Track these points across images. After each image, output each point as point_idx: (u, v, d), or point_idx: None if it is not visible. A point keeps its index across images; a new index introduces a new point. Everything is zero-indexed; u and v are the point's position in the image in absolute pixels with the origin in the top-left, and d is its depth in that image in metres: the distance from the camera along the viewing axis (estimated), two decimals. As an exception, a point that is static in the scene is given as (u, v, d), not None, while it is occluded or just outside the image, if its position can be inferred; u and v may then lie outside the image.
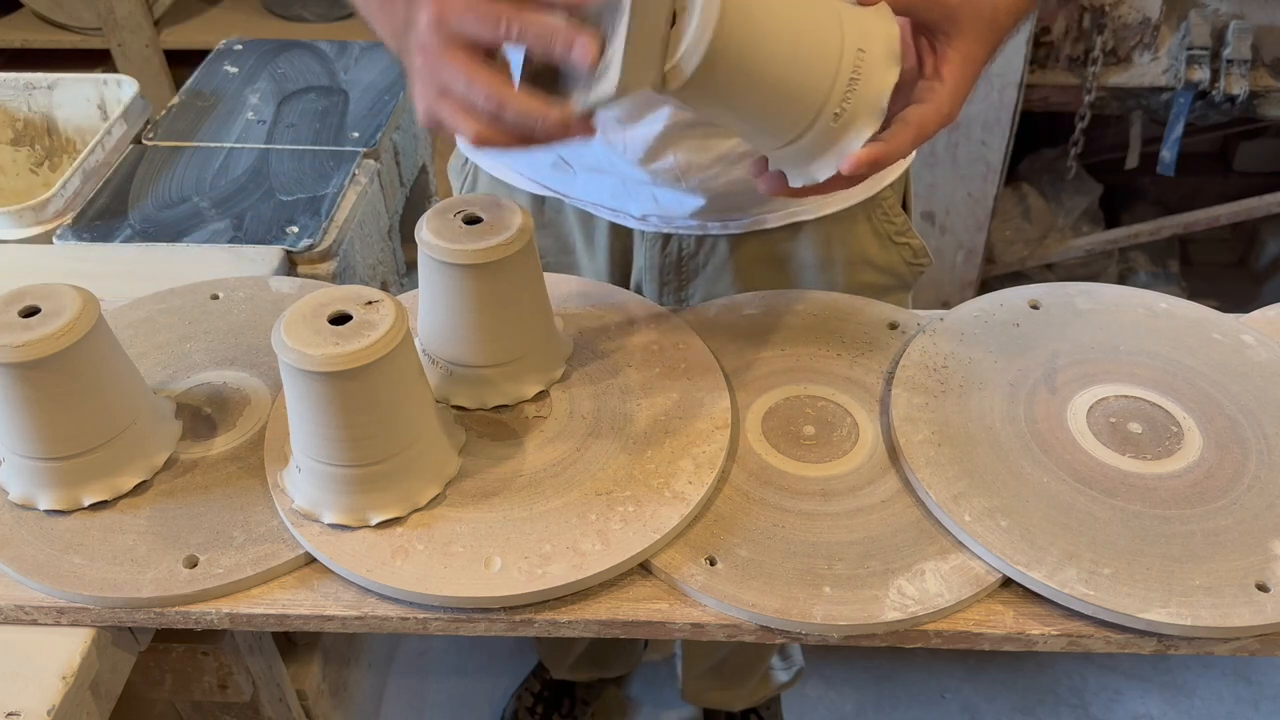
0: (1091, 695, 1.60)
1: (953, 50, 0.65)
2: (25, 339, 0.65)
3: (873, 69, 0.60)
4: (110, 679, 0.71)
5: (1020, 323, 0.84)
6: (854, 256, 0.95)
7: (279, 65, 1.48)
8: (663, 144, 0.85)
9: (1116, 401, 0.77)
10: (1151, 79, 1.77)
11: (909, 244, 0.97)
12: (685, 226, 0.93)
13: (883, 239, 0.95)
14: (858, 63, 0.60)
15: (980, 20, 0.65)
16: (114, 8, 2.08)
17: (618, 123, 0.86)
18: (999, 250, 2.04)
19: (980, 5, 0.65)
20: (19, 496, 0.72)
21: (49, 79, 1.35)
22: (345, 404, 0.64)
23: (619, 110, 0.85)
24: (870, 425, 0.77)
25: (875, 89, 0.60)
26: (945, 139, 1.79)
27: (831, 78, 0.59)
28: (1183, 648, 0.65)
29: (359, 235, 1.21)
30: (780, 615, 0.65)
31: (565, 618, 0.66)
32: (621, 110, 0.85)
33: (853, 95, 0.60)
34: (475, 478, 0.73)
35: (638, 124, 0.85)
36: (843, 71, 0.59)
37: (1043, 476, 0.72)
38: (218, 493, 0.73)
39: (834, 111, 0.60)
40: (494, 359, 0.76)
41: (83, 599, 0.68)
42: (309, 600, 0.68)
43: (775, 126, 0.62)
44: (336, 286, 0.68)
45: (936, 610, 0.65)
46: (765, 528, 0.70)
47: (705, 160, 0.87)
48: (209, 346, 0.85)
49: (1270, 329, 0.85)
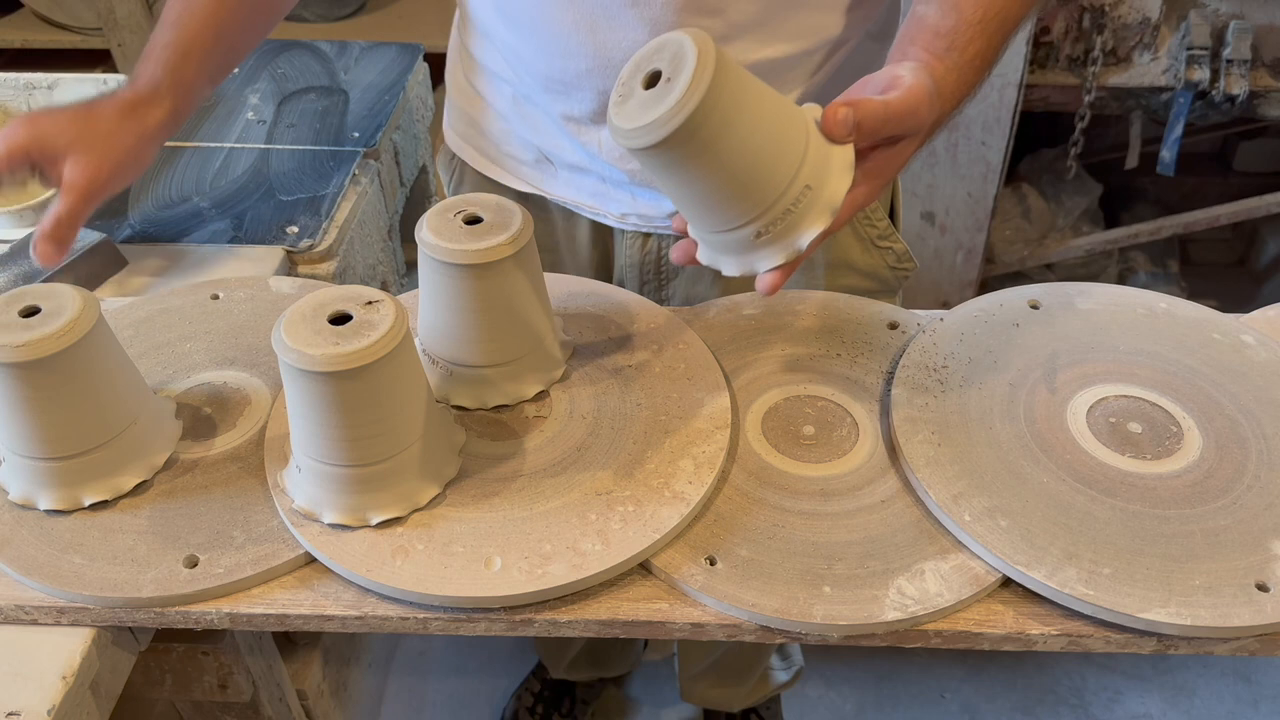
0: (1091, 695, 1.60)
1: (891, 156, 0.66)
2: (25, 339, 0.65)
3: (829, 173, 0.62)
4: (110, 679, 0.71)
5: (1020, 323, 0.84)
6: (835, 260, 0.95)
7: (279, 65, 1.48)
8: None
9: (1116, 401, 0.77)
10: (1151, 79, 1.77)
11: (892, 248, 0.96)
12: (664, 226, 0.93)
13: (865, 243, 0.95)
14: (818, 164, 0.61)
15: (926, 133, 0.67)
16: (114, 8, 2.08)
17: (591, 123, 0.86)
18: (999, 250, 2.04)
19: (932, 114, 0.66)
20: (19, 496, 0.72)
21: (49, 79, 1.35)
22: (345, 404, 0.64)
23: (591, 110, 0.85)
24: (870, 425, 0.77)
25: (831, 192, 0.62)
26: (945, 139, 1.79)
27: (791, 176, 0.61)
28: (1182, 648, 0.65)
29: (359, 235, 1.21)
30: (780, 615, 0.65)
31: (565, 618, 0.66)
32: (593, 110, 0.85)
33: (805, 197, 0.62)
34: (475, 478, 0.73)
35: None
36: (802, 172, 0.61)
37: (1043, 476, 0.72)
38: (218, 493, 0.73)
39: (785, 208, 0.62)
40: (494, 359, 0.76)
41: (83, 599, 0.68)
42: (309, 600, 0.68)
43: (727, 211, 0.62)
44: (336, 286, 0.68)
45: (936, 610, 0.65)
46: (765, 528, 0.70)
47: None
48: (209, 346, 0.85)
49: (1270, 329, 0.85)
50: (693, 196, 0.62)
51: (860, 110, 0.62)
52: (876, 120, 0.63)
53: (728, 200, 0.61)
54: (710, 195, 0.61)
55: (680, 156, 0.59)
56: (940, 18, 0.70)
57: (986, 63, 0.71)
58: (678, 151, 0.58)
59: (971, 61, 0.69)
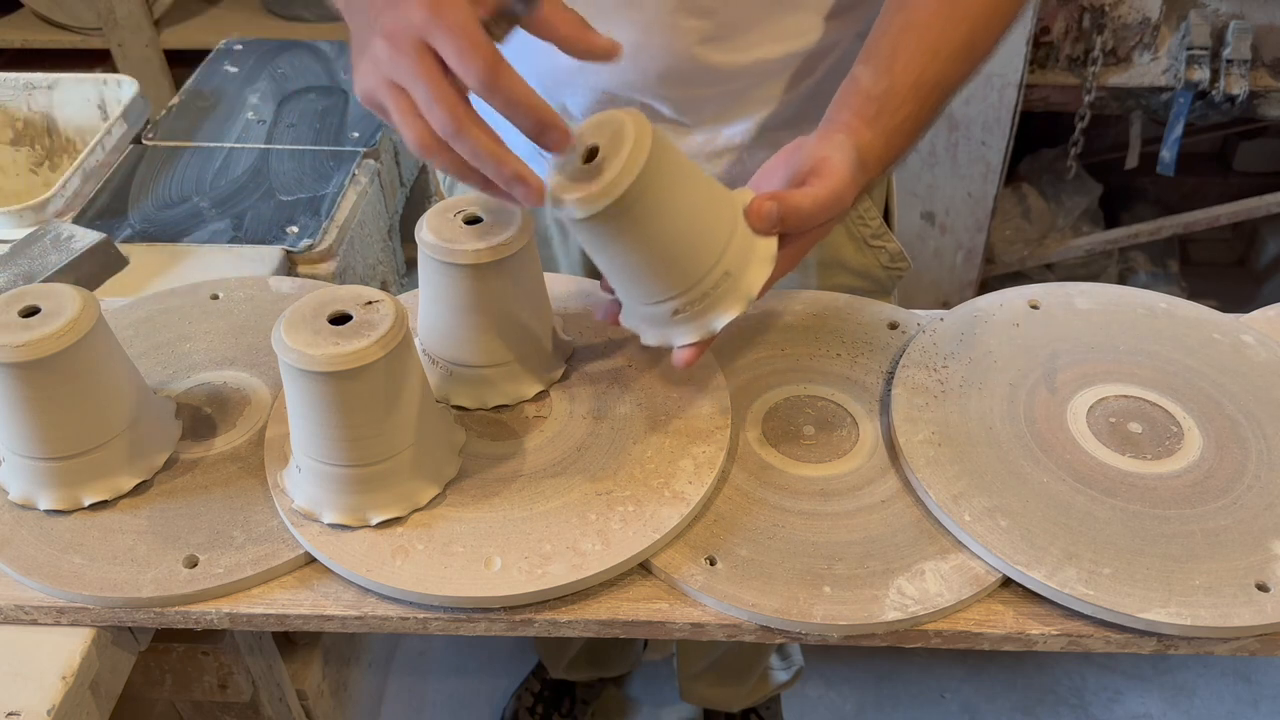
0: (1091, 695, 1.60)
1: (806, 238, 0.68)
2: (25, 339, 0.65)
3: (750, 262, 0.65)
4: (110, 679, 0.71)
5: (1020, 323, 0.84)
6: (828, 259, 0.95)
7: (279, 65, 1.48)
8: None
9: (1116, 401, 0.77)
10: (1151, 79, 1.77)
11: (885, 248, 0.96)
12: None
13: (858, 242, 0.95)
14: (740, 252, 0.65)
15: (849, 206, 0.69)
16: (114, 8, 2.08)
17: (584, 118, 0.86)
18: (999, 250, 2.04)
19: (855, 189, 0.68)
20: (19, 496, 0.72)
21: (49, 79, 1.35)
22: (345, 404, 0.64)
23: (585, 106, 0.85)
24: (870, 425, 0.77)
25: (750, 279, 0.65)
26: (945, 139, 1.79)
27: (713, 261, 0.64)
28: (1183, 648, 0.65)
29: (359, 235, 1.21)
30: (780, 615, 0.65)
31: (565, 618, 0.66)
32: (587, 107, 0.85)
33: (724, 283, 0.65)
34: (475, 478, 0.73)
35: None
36: (725, 259, 0.64)
37: (1043, 476, 0.72)
38: (218, 493, 0.73)
39: (704, 291, 0.65)
40: (494, 359, 0.76)
41: (83, 599, 0.68)
42: (309, 600, 0.68)
43: (650, 286, 0.65)
44: (336, 286, 0.68)
45: (936, 610, 0.65)
46: (765, 528, 0.70)
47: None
48: (209, 346, 0.85)
49: (1270, 329, 0.85)
50: (620, 269, 0.65)
51: (785, 206, 0.65)
52: (800, 217, 0.66)
53: (651, 277, 0.65)
54: (636, 270, 0.65)
55: (609, 231, 0.62)
56: (873, 81, 0.71)
57: (919, 125, 0.72)
58: (607, 226, 0.61)
59: (901, 126, 0.70)
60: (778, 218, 0.65)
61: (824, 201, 0.66)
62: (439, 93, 0.57)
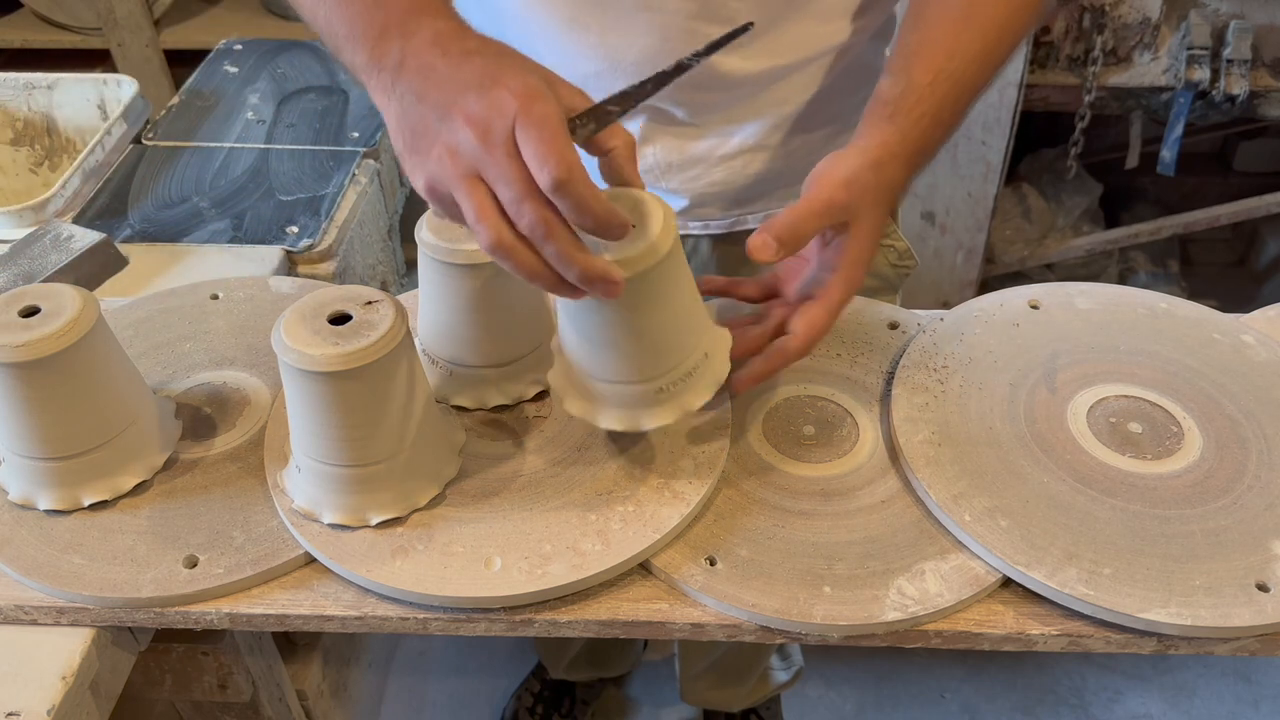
0: (1091, 695, 1.60)
1: (850, 241, 0.69)
2: (25, 339, 0.65)
3: (712, 366, 0.68)
4: (110, 679, 0.71)
5: (1020, 323, 0.84)
6: None
7: (279, 65, 1.48)
8: (640, 142, 0.85)
9: (1116, 401, 0.77)
10: (1151, 79, 1.77)
11: (894, 246, 0.96)
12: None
13: None
14: (712, 338, 0.68)
15: (880, 193, 0.69)
16: (114, 8, 2.08)
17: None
18: (999, 250, 2.04)
19: (878, 183, 0.68)
20: (19, 496, 0.72)
21: (49, 79, 1.35)
22: (345, 404, 0.64)
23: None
24: (870, 425, 0.77)
25: (712, 376, 0.68)
26: (945, 139, 1.79)
27: (700, 338, 0.66)
28: (1183, 648, 0.65)
29: (359, 235, 1.21)
30: (780, 615, 0.65)
31: (565, 618, 0.66)
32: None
33: (705, 363, 0.67)
34: (475, 478, 0.73)
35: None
36: (698, 350, 0.66)
37: (1043, 476, 0.71)
38: (217, 493, 0.73)
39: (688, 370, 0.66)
40: (494, 359, 0.76)
41: (82, 599, 0.68)
42: (309, 600, 0.68)
43: (654, 359, 0.65)
44: (336, 286, 0.68)
45: (936, 610, 0.65)
46: (765, 528, 0.70)
47: (683, 160, 0.87)
48: (209, 346, 0.85)
49: (1270, 329, 0.85)
50: (624, 340, 0.64)
51: (774, 228, 0.65)
52: (788, 229, 0.66)
53: (652, 351, 0.65)
54: (642, 341, 0.64)
55: (634, 297, 0.61)
56: (890, 87, 0.72)
57: (938, 122, 0.72)
58: (639, 288, 0.60)
59: (918, 121, 0.71)
60: (773, 241, 0.65)
61: (812, 206, 0.67)
62: (530, 192, 0.53)
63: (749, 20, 0.79)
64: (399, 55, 0.59)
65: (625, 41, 0.80)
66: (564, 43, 0.82)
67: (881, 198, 0.69)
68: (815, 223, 0.67)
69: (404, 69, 0.59)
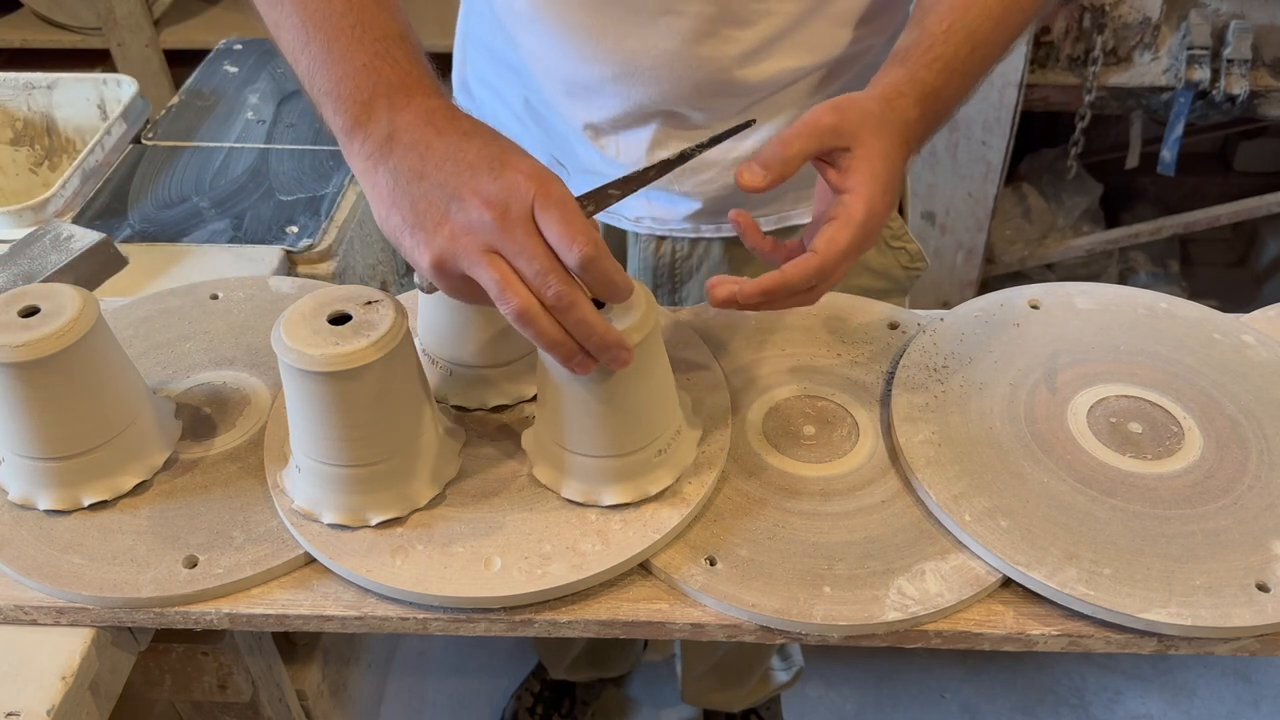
0: (1091, 695, 1.60)
1: (857, 160, 0.66)
2: (25, 339, 0.65)
3: (681, 447, 0.71)
4: (110, 679, 0.71)
5: (1020, 323, 0.84)
6: None
7: (279, 65, 1.48)
8: (653, 148, 0.85)
9: (1117, 401, 0.77)
10: (1152, 79, 1.77)
11: (905, 248, 0.96)
12: (679, 229, 0.93)
13: (879, 243, 0.95)
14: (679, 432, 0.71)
15: (886, 124, 0.67)
16: (114, 8, 2.08)
17: (611, 129, 0.86)
18: (999, 250, 2.04)
19: (882, 114, 0.67)
20: (19, 496, 0.72)
21: (49, 79, 1.35)
22: (345, 404, 0.64)
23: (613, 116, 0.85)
24: (870, 425, 0.77)
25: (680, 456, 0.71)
26: (945, 139, 1.79)
27: (663, 430, 0.69)
28: (1183, 648, 0.65)
29: (359, 235, 1.21)
30: (780, 615, 0.65)
31: (565, 618, 0.66)
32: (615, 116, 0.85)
33: (664, 456, 0.69)
34: (475, 478, 0.73)
35: (629, 130, 0.86)
36: (669, 430, 0.69)
37: (1043, 476, 0.71)
38: (217, 493, 0.73)
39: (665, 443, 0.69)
40: (494, 359, 0.76)
41: (82, 599, 0.68)
42: (309, 600, 0.68)
43: (607, 438, 0.67)
44: (336, 286, 0.68)
45: (936, 610, 0.65)
46: (765, 528, 0.70)
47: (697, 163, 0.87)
48: (209, 346, 0.85)
49: (1270, 329, 0.85)
50: (616, 410, 0.66)
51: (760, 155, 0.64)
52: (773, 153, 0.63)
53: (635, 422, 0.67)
54: (630, 412, 0.66)
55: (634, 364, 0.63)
56: (904, 37, 0.72)
57: (951, 69, 0.71)
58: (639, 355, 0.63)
59: (930, 65, 0.70)
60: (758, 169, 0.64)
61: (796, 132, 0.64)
62: (553, 266, 0.56)
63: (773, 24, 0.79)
64: (388, 128, 0.60)
65: (644, 46, 0.80)
66: (580, 47, 0.81)
67: (887, 129, 0.66)
68: (800, 144, 0.64)
69: (395, 142, 0.60)
